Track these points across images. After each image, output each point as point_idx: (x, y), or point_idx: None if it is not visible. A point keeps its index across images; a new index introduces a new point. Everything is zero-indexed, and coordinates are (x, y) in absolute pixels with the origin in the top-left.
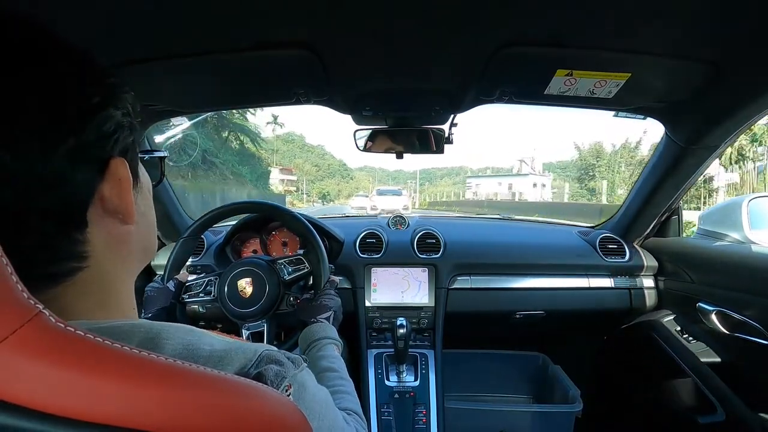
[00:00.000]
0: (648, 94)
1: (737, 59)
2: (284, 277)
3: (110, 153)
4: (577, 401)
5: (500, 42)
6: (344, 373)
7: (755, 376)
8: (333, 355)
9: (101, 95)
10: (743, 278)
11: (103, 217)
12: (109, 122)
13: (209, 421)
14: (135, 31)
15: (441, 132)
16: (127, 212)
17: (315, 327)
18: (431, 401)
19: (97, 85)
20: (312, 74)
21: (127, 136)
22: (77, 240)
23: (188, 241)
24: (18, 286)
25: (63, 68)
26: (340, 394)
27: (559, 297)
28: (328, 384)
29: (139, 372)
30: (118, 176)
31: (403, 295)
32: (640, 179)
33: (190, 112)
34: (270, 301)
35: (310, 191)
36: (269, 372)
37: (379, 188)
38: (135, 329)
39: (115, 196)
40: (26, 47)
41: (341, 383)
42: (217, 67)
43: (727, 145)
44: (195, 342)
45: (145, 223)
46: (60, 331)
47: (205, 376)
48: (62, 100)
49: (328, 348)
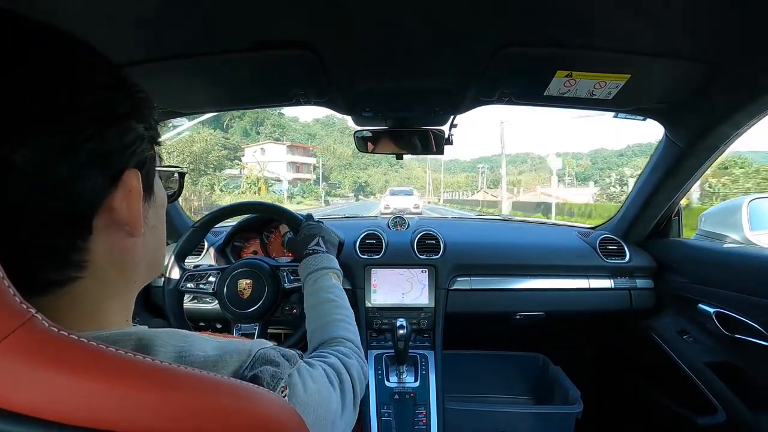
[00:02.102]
0: (648, 95)
1: (737, 60)
2: (285, 285)
3: (125, 164)
4: (577, 402)
5: (500, 43)
6: (343, 302)
7: (755, 377)
8: (331, 285)
9: (127, 107)
10: (743, 279)
11: (110, 227)
12: (129, 134)
13: (205, 425)
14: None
15: (441, 133)
16: (135, 224)
17: (310, 259)
18: (431, 402)
19: (125, 97)
20: (312, 75)
21: (145, 149)
22: (79, 247)
23: (198, 231)
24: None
25: (96, 78)
26: (337, 323)
27: (559, 298)
28: (327, 315)
29: (134, 376)
30: (129, 187)
31: (403, 295)
32: (640, 180)
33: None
34: (267, 306)
35: (342, 181)
36: (265, 374)
37: (392, 189)
38: (126, 337)
39: (124, 207)
40: (64, 55)
41: (339, 312)
42: (217, 67)
43: (727, 146)
44: (188, 348)
45: (154, 237)
46: (53, 335)
47: (200, 379)
48: (88, 107)
49: (326, 278)
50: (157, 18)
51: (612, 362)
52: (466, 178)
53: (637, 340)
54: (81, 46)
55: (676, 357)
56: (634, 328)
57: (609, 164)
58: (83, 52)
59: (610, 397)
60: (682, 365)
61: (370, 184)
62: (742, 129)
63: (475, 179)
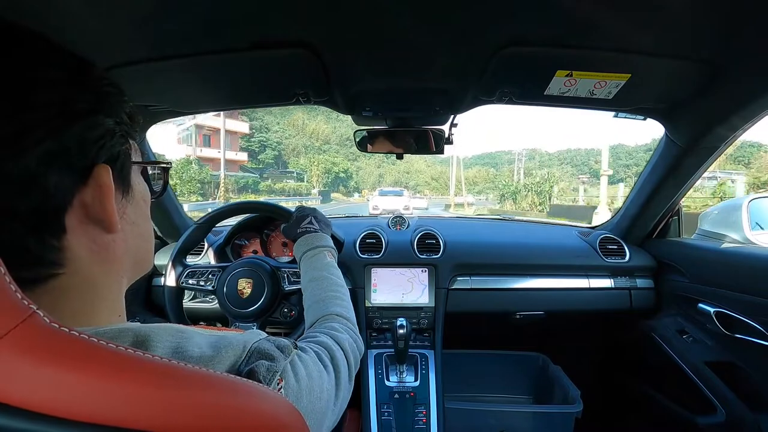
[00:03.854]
0: (648, 95)
1: (737, 60)
2: (284, 287)
3: (94, 160)
4: (577, 402)
5: (500, 42)
6: (337, 279)
7: (756, 377)
8: (325, 263)
9: (90, 102)
10: (743, 279)
11: (86, 224)
12: (96, 129)
13: (201, 420)
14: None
15: (441, 132)
16: (109, 221)
17: (304, 238)
18: (431, 401)
19: (87, 91)
20: (312, 74)
21: (116, 144)
22: (52, 246)
23: (202, 228)
24: (11, 286)
25: (50, 73)
26: (330, 300)
27: (559, 297)
28: (321, 292)
29: (133, 371)
30: (100, 183)
31: (403, 295)
32: (640, 180)
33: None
34: (266, 306)
35: (307, 170)
36: (260, 368)
37: (381, 189)
38: (122, 333)
39: (96, 204)
40: (15, 49)
41: (333, 289)
42: (217, 67)
43: (727, 146)
44: (184, 345)
45: (135, 233)
46: (54, 331)
47: (197, 375)
48: (43, 103)
49: (320, 256)
50: (157, 17)
51: (612, 362)
52: (477, 172)
53: (637, 340)
54: (38, 41)
55: (676, 357)
56: (634, 327)
57: (636, 160)
58: (39, 48)
59: (609, 397)
60: (682, 365)
61: (356, 178)
62: (742, 129)
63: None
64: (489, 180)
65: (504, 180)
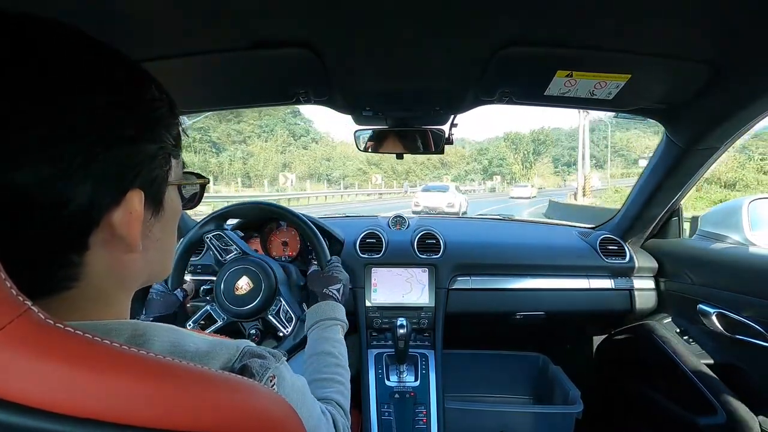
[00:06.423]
0: (648, 96)
1: (737, 60)
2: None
3: (129, 185)
4: (578, 402)
5: (500, 43)
6: (343, 360)
7: (756, 377)
8: (336, 339)
9: (136, 128)
10: (744, 280)
11: (109, 242)
12: (136, 156)
13: (199, 416)
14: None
15: (441, 132)
16: (133, 243)
17: (324, 305)
18: (431, 401)
19: (135, 115)
20: (312, 74)
21: (156, 167)
22: (72, 262)
23: (214, 222)
24: (7, 283)
25: (99, 98)
26: (333, 383)
27: (560, 298)
28: (324, 369)
29: (129, 367)
30: (130, 209)
31: (404, 295)
32: (640, 180)
33: (190, 112)
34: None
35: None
36: (254, 364)
37: (426, 184)
38: (121, 327)
39: (124, 226)
40: (69, 72)
41: (338, 372)
42: (217, 67)
43: (727, 146)
44: (180, 341)
45: (158, 249)
46: (50, 327)
47: (192, 371)
48: (87, 128)
49: (333, 329)
50: (157, 17)
51: (612, 362)
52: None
53: (637, 341)
54: (100, 53)
55: (676, 357)
56: (634, 328)
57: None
58: (95, 64)
59: (610, 398)
60: (682, 365)
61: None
62: (742, 129)
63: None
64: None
65: None
